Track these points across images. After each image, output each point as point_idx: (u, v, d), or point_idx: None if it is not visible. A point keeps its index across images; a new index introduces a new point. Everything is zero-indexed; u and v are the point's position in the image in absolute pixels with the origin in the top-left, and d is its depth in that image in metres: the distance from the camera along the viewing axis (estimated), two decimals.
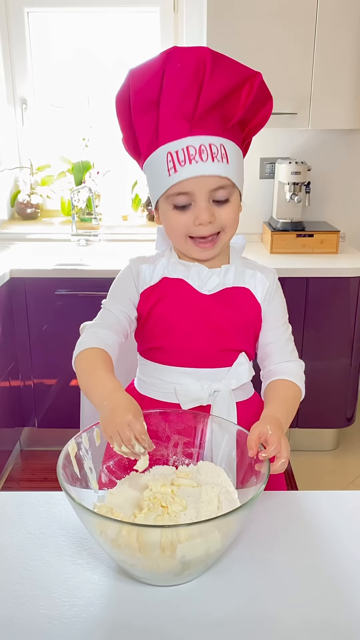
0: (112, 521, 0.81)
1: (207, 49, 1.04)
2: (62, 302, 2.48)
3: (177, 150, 1.03)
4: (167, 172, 1.04)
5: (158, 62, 1.03)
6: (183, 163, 1.02)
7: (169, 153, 1.03)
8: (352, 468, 2.68)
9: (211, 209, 1.06)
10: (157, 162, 1.06)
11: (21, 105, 2.93)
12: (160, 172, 1.06)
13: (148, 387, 1.21)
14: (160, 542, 0.79)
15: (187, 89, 1.02)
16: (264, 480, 0.88)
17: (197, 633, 0.80)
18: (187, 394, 1.15)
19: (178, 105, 1.02)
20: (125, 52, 2.86)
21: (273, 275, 1.20)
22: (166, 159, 1.04)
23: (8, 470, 2.63)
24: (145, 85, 1.03)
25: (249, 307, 1.17)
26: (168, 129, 1.04)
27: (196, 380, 1.15)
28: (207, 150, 1.02)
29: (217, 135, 1.04)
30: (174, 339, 1.15)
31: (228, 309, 1.14)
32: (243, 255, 1.23)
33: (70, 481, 0.90)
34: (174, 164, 1.03)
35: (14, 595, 0.85)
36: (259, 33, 2.41)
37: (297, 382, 1.14)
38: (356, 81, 2.49)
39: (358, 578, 0.89)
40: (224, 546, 0.86)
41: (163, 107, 1.03)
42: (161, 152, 1.05)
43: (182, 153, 1.02)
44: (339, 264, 2.55)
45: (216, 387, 1.15)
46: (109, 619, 0.81)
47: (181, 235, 1.10)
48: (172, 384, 1.16)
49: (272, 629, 0.80)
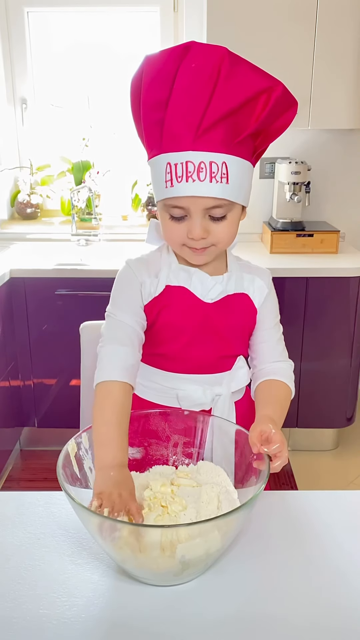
0: (112, 521, 0.81)
1: (226, 50, 0.97)
2: (62, 302, 2.48)
3: (177, 163, 0.98)
4: (165, 184, 1.01)
5: (174, 56, 0.98)
6: (180, 179, 0.98)
7: (169, 164, 0.99)
8: (352, 468, 2.68)
9: (206, 225, 1.03)
10: (157, 167, 1.03)
11: (21, 105, 2.93)
12: (159, 178, 1.03)
13: (148, 391, 1.20)
14: (161, 542, 0.79)
15: (197, 95, 0.96)
16: (263, 480, 0.88)
17: (197, 633, 0.80)
18: (190, 399, 1.15)
19: (185, 112, 0.97)
20: (125, 52, 2.86)
21: (268, 277, 1.20)
22: (165, 169, 1.00)
23: (8, 470, 2.63)
24: (156, 82, 0.98)
25: (247, 312, 1.17)
26: (171, 137, 0.99)
27: (198, 386, 1.15)
28: (206, 169, 0.97)
29: (220, 152, 0.98)
30: (177, 347, 1.14)
31: (229, 316, 1.14)
32: (236, 255, 1.21)
33: (70, 481, 0.90)
34: (171, 177, 0.99)
35: (13, 595, 0.85)
36: (259, 33, 2.41)
37: (288, 383, 1.15)
38: (356, 81, 2.49)
39: (358, 578, 0.89)
40: (223, 546, 0.86)
41: (170, 111, 0.98)
42: (162, 160, 1.01)
43: (181, 168, 0.98)
44: (338, 264, 2.55)
45: (218, 391, 1.15)
46: (108, 619, 0.81)
47: (175, 243, 1.08)
48: (173, 390, 1.16)
49: (271, 629, 0.80)
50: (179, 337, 1.13)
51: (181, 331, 1.12)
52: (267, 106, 0.97)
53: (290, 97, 1.00)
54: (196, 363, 1.15)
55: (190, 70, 0.96)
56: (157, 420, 1.06)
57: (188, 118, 0.97)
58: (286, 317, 2.81)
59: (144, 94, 1.00)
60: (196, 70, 0.96)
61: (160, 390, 1.18)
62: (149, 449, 1.07)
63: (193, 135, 0.97)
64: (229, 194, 1.00)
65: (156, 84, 0.98)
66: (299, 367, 2.57)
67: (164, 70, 0.98)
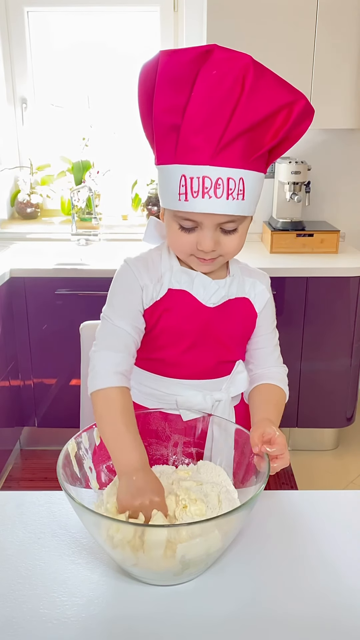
0: (113, 521, 0.81)
1: (250, 59, 0.92)
2: (62, 301, 2.48)
3: (193, 177, 0.94)
4: (178, 196, 0.96)
5: (193, 59, 0.91)
6: (196, 195, 0.95)
7: (183, 176, 0.95)
8: (352, 468, 2.68)
9: (217, 237, 1.01)
10: (169, 176, 0.98)
11: (21, 105, 2.93)
12: (170, 188, 0.98)
13: (144, 397, 1.17)
14: (161, 541, 0.79)
15: (218, 107, 0.91)
16: (264, 480, 0.88)
17: (197, 633, 0.80)
18: (190, 405, 1.12)
19: (204, 124, 0.92)
20: (125, 51, 2.86)
21: (268, 281, 1.19)
22: (179, 182, 0.95)
23: (8, 469, 2.63)
24: (173, 85, 0.93)
25: (248, 317, 1.16)
26: (188, 149, 0.94)
27: (197, 391, 1.13)
28: (223, 186, 0.94)
29: (238, 167, 0.94)
30: (176, 352, 1.12)
31: (230, 321, 1.13)
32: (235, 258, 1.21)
33: (70, 481, 0.90)
34: (185, 192, 0.95)
35: (14, 595, 0.85)
36: (259, 32, 2.41)
37: (283, 387, 1.16)
38: (356, 81, 2.49)
39: (357, 577, 0.89)
40: (224, 546, 0.86)
41: (188, 120, 0.92)
42: (176, 170, 0.96)
43: (197, 183, 0.94)
44: (338, 264, 2.55)
45: (217, 397, 1.14)
46: (108, 619, 0.81)
47: (184, 252, 1.06)
48: (172, 395, 1.14)
49: (271, 629, 0.80)
50: (179, 341, 1.11)
51: (181, 336, 1.10)
52: (288, 121, 0.94)
53: (310, 108, 0.97)
54: (195, 368, 1.13)
55: (211, 78, 0.91)
56: (157, 420, 1.06)
57: (207, 131, 0.92)
58: (286, 317, 2.81)
59: (158, 94, 0.94)
60: (218, 78, 0.91)
61: (159, 396, 1.15)
62: (149, 448, 1.06)
63: (212, 150, 0.93)
64: (243, 210, 0.99)
65: (173, 87, 0.93)
66: (299, 367, 2.58)
67: (182, 73, 0.92)
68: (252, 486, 0.93)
